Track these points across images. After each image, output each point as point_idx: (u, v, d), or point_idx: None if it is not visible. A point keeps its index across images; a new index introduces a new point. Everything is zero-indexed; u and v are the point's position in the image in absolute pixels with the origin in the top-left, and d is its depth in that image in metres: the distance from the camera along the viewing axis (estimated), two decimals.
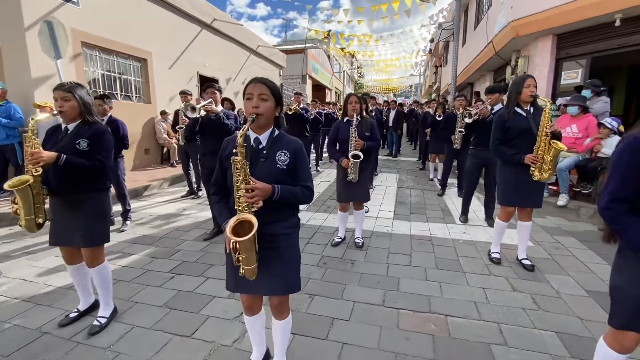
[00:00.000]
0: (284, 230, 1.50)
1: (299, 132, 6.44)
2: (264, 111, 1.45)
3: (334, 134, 3.40)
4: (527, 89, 2.76)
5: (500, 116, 2.93)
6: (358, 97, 3.28)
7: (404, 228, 4.04)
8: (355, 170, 3.19)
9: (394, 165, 8.90)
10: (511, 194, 2.89)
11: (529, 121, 2.77)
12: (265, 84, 1.47)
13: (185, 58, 8.73)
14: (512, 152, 2.80)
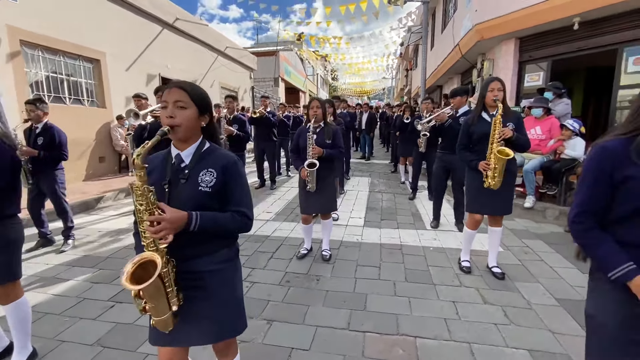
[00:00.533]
0: (212, 267, 1.24)
1: (266, 136, 6.16)
2: (181, 121, 1.18)
3: (295, 140, 3.17)
4: (491, 92, 2.65)
5: (466, 121, 2.85)
6: (320, 101, 3.06)
7: (374, 236, 3.86)
8: (312, 179, 2.96)
9: (366, 168, 8.80)
10: (477, 200, 2.78)
11: (491, 127, 2.67)
12: (183, 88, 1.20)
13: (145, 59, 8.20)
14: (471, 157, 2.74)
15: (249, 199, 1.29)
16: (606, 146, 1.07)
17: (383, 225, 4.27)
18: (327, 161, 3.02)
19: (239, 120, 4.54)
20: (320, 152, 2.92)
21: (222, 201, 1.23)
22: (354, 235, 3.90)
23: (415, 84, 18.01)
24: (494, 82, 2.66)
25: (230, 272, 1.30)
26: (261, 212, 4.84)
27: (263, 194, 5.94)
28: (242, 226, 1.25)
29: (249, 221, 1.27)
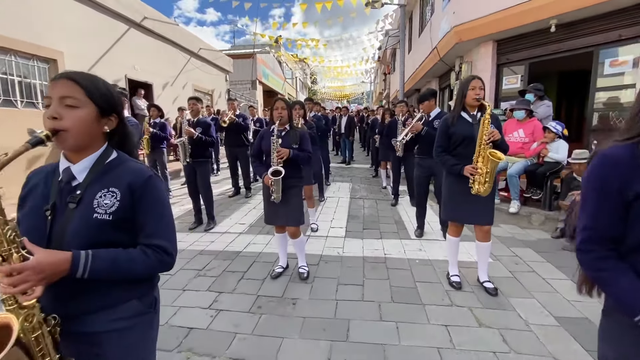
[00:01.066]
0: (111, 325, 0.89)
1: (237, 141, 5.76)
2: (70, 125, 0.84)
3: (257, 144, 2.81)
4: (472, 91, 2.43)
5: (445, 121, 2.60)
6: (287, 102, 2.74)
7: (356, 248, 3.56)
8: (277, 188, 2.62)
9: (347, 173, 8.54)
10: (455, 208, 2.57)
11: (473, 128, 2.43)
12: (75, 80, 0.87)
13: (109, 59, 7.61)
14: (453, 161, 2.51)
15: (169, 228, 0.95)
16: (608, 154, 0.86)
17: (365, 235, 3.98)
18: (293, 169, 2.70)
19: (203, 124, 4.12)
20: (286, 153, 2.58)
21: (129, 231, 0.89)
22: (334, 248, 3.58)
23: (394, 87, 18.07)
24: (474, 80, 2.44)
25: (137, 334, 0.93)
26: (234, 224, 4.44)
27: (237, 203, 5.53)
28: (157, 266, 0.90)
29: (168, 258, 0.92)
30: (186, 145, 4.04)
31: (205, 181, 4.24)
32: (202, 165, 4.18)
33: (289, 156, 2.60)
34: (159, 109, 5.93)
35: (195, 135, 3.96)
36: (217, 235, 3.99)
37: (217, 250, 3.54)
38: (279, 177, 2.55)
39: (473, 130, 2.44)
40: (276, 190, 2.62)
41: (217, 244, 3.73)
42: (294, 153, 2.64)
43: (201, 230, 4.18)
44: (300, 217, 2.77)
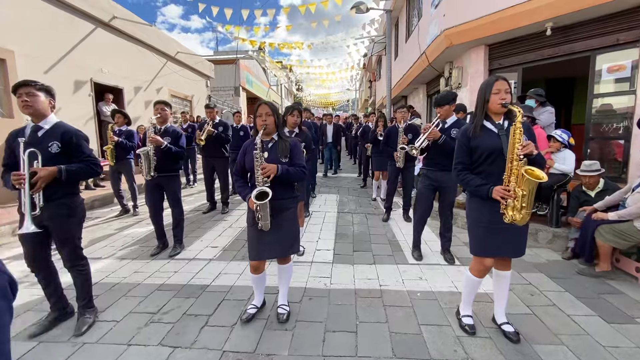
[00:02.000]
0: None
1: (215, 151, 5.19)
2: None
3: (240, 160, 2.29)
4: (496, 95, 1.99)
5: (464, 133, 2.13)
6: (272, 106, 2.23)
7: (346, 277, 3.03)
8: (265, 214, 2.10)
9: (333, 183, 8.05)
10: (490, 239, 2.05)
11: (501, 140, 1.98)
12: None
13: (72, 61, 6.90)
14: (478, 181, 2.04)
15: None
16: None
17: (357, 259, 3.47)
18: (285, 188, 2.22)
19: (172, 134, 3.53)
20: (273, 170, 2.08)
21: None
22: (321, 277, 3.04)
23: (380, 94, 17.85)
24: (499, 81, 1.99)
25: None
26: (204, 247, 3.84)
27: (211, 221, 4.92)
28: None
29: None
30: (151, 156, 3.43)
31: (175, 199, 3.64)
32: (170, 181, 3.57)
33: (277, 173, 2.09)
34: (124, 116, 5.29)
35: (163, 144, 3.36)
36: (183, 263, 3.38)
37: (179, 284, 2.93)
38: (265, 200, 2.03)
39: (500, 143, 1.97)
40: (264, 216, 2.10)
41: (181, 275, 3.12)
42: (284, 169, 2.13)
43: (165, 257, 3.56)
44: (295, 245, 2.29)
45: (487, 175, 2.03)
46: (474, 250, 2.13)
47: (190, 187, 7.58)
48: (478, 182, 2.03)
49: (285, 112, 3.49)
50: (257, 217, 2.12)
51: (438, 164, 3.25)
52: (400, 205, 5.19)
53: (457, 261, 3.35)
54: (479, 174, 2.06)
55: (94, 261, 3.47)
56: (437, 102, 3.21)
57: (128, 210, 5.39)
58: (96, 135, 7.51)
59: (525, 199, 1.85)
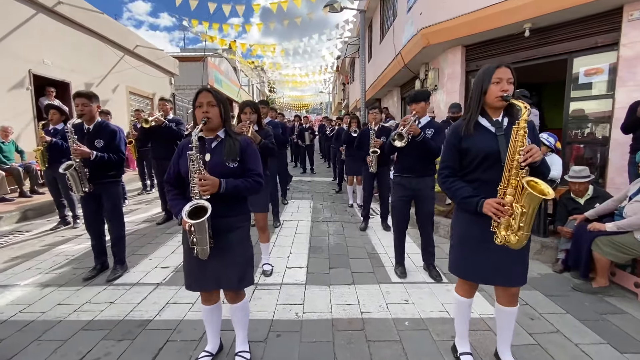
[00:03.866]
0: None
1: (167, 153, 4.47)
2: None
3: (174, 161, 1.78)
4: (497, 85, 1.62)
5: (455, 131, 1.74)
6: (215, 93, 1.74)
7: (322, 303, 2.57)
8: (202, 237, 1.59)
9: (307, 188, 7.60)
10: (469, 260, 1.72)
11: (498, 141, 1.63)
12: None
13: (6, 50, 5.94)
14: (467, 191, 1.67)
15: None
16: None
17: (333, 278, 3.03)
18: (232, 202, 1.74)
19: (106, 134, 2.88)
20: (213, 187, 1.60)
21: None
22: (292, 305, 2.56)
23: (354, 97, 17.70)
24: (501, 68, 1.62)
25: None
26: (152, 268, 3.22)
27: (165, 234, 4.27)
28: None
29: None
30: (79, 169, 2.74)
31: (113, 210, 3.00)
32: (108, 188, 2.93)
33: (219, 191, 1.63)
34: (61, 112, 4.50)
35: (92, 155, 2.71)
36: (122, 291, 2.76)
37: (113, 320, 2.33)
38: (203, 218, 1.52)
39: (497, 145, 1.62)
40: (200, 240, 1.60)
41: (118, 307, 2.51)
42: (230, 184, 1.66)
43: (102, 281, 2.92)
44: (246, 276, 1.80)
45: (480, 185, 1.67)
46: (454, 269, 1.80)
47: (147, 192, 6.80)
48: (467, 192, 1.67)
49: (239, 110, 2.98)
50: (192, 241, 1.61)
51: (411, 169, 2.92)
52: (378, 212, 4.83)
53: (444, 278, 3.01)
54: (470, 182, 1.70)
55: (7, 290, 2.77)
56: (414, 97, 2.88)
57: (68, 223, 4.61)
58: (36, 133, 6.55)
59: (525, 218, 1.49)
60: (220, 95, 1.78)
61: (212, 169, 1.67)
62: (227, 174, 1.69)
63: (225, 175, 1.67)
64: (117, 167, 2.95)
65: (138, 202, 6.07)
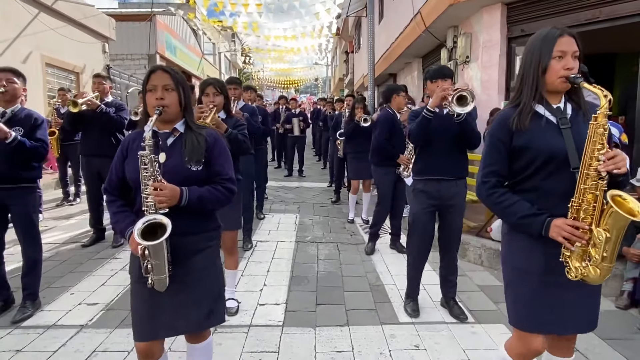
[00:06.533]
0: None
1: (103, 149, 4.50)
2: None
3: (117, 163, 1.88)
4: (559, 61, 1.63)
5: (501, 123, 1.78)
6: (173, 73, 1.82)
7: (303, 351, 2.70)
8: (159, 263, 1.67)
9: (293, 197, 7.76)
10: (537, 301, 1.73)
11: (564, 137, 1.67)
12: None
13: None
14: (526, 207, 1.69)
15: None
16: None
17: (321, 317, 3.16)
18: (197, 216, 1.84)
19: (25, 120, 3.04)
20: (172, 199, 1.68)
21: None
22: (262, 353, 2.68)
23: (359, 71, 17.99)
24: (565, 37, 1.64)
25: None
26: (75, 304, 3.33)
27: (94, 260, 4.38)
28: None
29: None
30: None
31: (28, 227, 3.13)
32: (20, 196, 3.07)
33: (181, 203, 1.72)
34: None
35: (9, 136, 2.85)
36: (34, 335, 2.87)
37: None
38: (161, 238, 1.60)
39: (564, 142, 1.67)
40: (157, 266, 1.66)
41: (27, 356, 2.62)
42: (193, 195, 1.75)
43: (6, 323, 3.02)
44: (216, 311, 1.91)
45: (540, 196, 1.70)
46: (516, 321, 1.81)
47: (69, 204, 6.91)
48: (526, 209, 1.68)
49: (199, 92, 3.13)
50: (146, 268, 1.67)
51: (441, 168, 3.05)
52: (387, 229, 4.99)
53: (469, 317, 3.15)
54: (525, 192, 1.75)
55: None
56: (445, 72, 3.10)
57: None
58: None
59: (610, 244, 1.49)
60: (180, 76, 1.86)
61: (170, 174, 1.72)
62: (189, 180, 1.77)
63: (187, 181, 1.76)
64: (37, 162, 3.13)
65: (57, 217, 6.18)
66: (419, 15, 7.87)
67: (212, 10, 15.85)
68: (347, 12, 15.49)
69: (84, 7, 11.48)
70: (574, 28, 5.45)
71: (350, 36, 21.19)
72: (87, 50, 11.75)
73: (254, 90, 6.58)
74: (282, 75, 41.60)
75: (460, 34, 7.13)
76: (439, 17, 7.00)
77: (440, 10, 6.78)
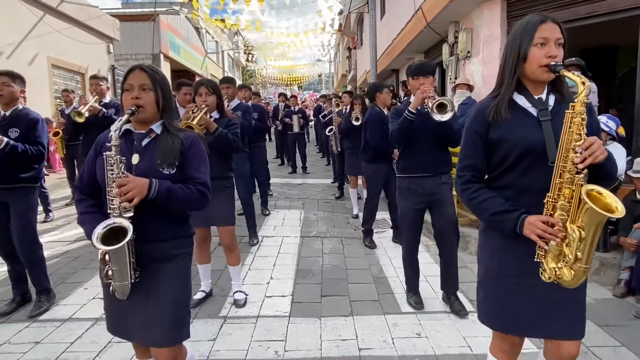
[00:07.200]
0: None
1: None
2: None
3: (89, 163, 1.82)
4: (542, 50, 1.55)
5: (479, 114, 1.71)
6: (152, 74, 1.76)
7: (309, 340, 2.83)
8: (120, 269, 1.61)
9: (297, 193, 7.86)
10: (509, 302, 1.68)
11: (543, 129, 1.60)
12: None
13: None
14: (500, 203, 1.63)
15: None
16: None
17: (326, 308, 3.29)
18: (167, 218, 1.80)
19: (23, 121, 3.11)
20: (139, 191, 1.61)
21: None
22: (270, 342, 2.81)
23: (363, 67, 18.02)
24: (547, 24, 1.56)
25: None
26: (89, 299, 3.47)
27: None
28: None
29: None
30: None
31: (26, 227, 3.21)
32: (19, 197, 3.18)
33: (149, 196, 1.64)
34: None
35: (1, 143, 2.94)
36: (51, 328, 3.00)
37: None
38: (121, 242, 1.54)
39: (542, 135, 1.59)
40: (117, 273, 1.61)
41: (46, 348, 2.75)
42: (162, 187, 1.68)
43: (24, 317, 3.16)
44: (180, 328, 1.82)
45: (517, 193, 1.64)
46: (486, 320, 1.76)
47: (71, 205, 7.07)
48: (499, 205, 1.61)
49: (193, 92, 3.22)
50: (106, 274, 1.63)
51: (424, 165, 3.11)
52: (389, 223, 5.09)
53: (470, 306, 3.24)
54: (501, 189, 1.68)
55: None
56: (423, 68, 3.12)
57: None
58: None
59: (584, 244, 1.41)
60: (159, 75, 1.82)
61: (141, 176, 1.68)
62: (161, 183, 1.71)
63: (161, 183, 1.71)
64: (35, 165, 3.22)
65: (67, 215, 6.32)
66: (420, 11, 7.93)
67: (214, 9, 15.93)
68: (349, 8, 15.53)
69: (88, 9, 11.63)
70: (573, 22, 5.57)
71: (353, 32, 21.20)
72: (92, 51, 11.92)
73: (249, 88, 6.67)
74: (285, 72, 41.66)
75: (461, 29, 7.19)
76: (440, 12, 7.05)
77: (441, 6, 6.84)
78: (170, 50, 17.23)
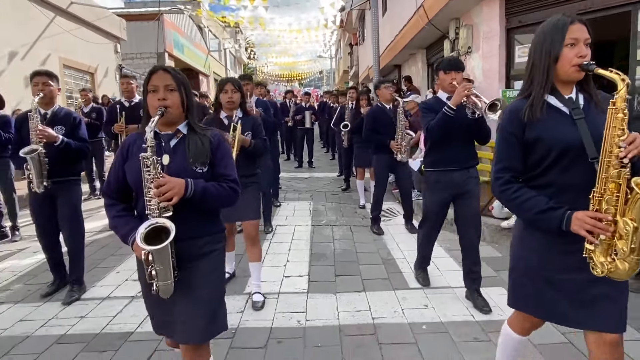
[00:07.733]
0: None
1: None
2: None
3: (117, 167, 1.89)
4: (572, 49, 1.59)
5: (512, 116, 1.73)
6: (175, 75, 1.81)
7: (327, 311, 3.13)
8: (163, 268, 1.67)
9: (305, 186, 8.16)
10: (545, 296, 1.71)
11: (578, 127, 1.63)
12: None
13: None
14: (543, 201, 1.64)
15: None
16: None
17: (341, 286, 3.59)
18: (200, 213, 1.83)
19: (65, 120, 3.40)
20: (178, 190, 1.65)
21: None
22: (292, 313, 3.12)
23: (364, 63, 18.24)
24: (575, 24, 1.60)
25: None
26: (122, 281, 3.78)
27: None
28: None
29: None
30: (42, 157, 3.20)
31: (73, 217, 3.50)
32: (68, 189, 3.45)
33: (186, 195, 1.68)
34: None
35: (58, 140, 3.23)
36: (92, 305, 3.32)
37: (90, 333, 2.88)
38: (165, 242, 1.59)
39: (578, 133, 1.62)
40: (161, 272, 1.65)
41: (92, 321, 3.07)
42: (199, 186, 1.72)
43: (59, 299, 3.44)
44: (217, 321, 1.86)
45: (558, 192, 1.66)
46: (518, 303, 1.82)
47: (96, 197, 7.38)
48: (543, 204, 1.61)
49: (217, 89, 3.32)
50: (150, 274, 1.64)
51: (455, 159, 3.14)
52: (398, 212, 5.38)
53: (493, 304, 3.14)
54: (542, 187, 1.69)
55: None
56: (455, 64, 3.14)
57: (5, 235, 5.18)
58: None
59: (638, 236, 1.42)
60: (181, 75, 1.85)
61: (174, 176, 1.69)
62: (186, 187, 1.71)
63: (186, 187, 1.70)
64: (81, 158, 3.51)
65: (88, 209, 6.62)
66: (421, 8, 8.19)
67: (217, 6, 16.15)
68: (351, 5, 15.74)
69: (96, 9, 11.92)
70: None
71: (354, 28, 21.36)
72: (100, 51, 12.21)
73: (264, 85, 6.97)
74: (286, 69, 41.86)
75: (461, 26, 7.43)
76: (441, 9, 7.29)
77: (442, 4, 7.08)
78: (174, 49, 17.49)
